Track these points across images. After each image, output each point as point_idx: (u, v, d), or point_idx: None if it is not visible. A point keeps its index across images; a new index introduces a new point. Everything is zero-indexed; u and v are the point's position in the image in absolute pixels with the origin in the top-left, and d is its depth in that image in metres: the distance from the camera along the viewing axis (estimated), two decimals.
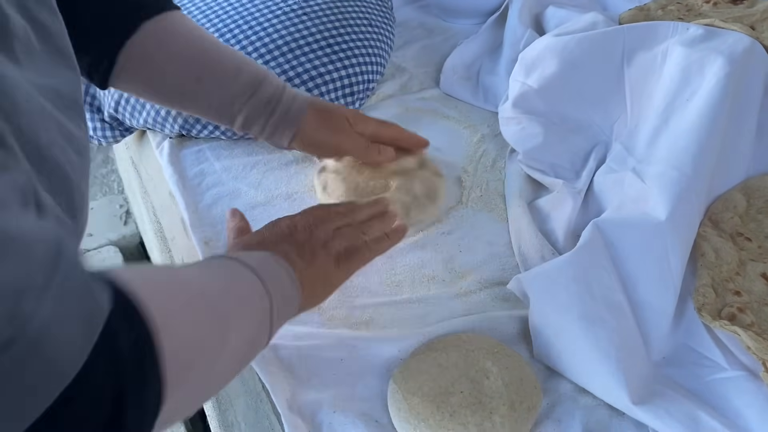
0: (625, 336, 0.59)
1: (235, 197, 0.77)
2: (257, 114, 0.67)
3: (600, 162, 0.77)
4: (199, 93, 0.65)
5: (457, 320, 0.62)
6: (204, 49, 0.64)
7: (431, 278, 0.68)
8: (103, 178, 1.77)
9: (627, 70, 0.77)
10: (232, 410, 0.58)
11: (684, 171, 0.66)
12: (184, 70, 0.63)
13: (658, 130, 0.71)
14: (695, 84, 0.70)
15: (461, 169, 0.81)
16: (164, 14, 0.61)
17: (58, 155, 0.37)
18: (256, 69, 0.67)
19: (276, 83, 0.68)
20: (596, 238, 0.65)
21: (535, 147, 0.79)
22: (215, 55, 0.65)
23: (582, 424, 0.55)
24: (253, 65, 0.67)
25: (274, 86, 0.67)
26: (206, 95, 0.65)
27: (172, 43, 0.62)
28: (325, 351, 0.59)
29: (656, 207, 0.64)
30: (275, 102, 0.67)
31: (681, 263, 0.62)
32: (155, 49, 0.61)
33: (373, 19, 0.95)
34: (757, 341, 0.55)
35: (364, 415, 0.55)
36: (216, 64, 0.64)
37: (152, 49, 0.60)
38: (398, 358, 0.59)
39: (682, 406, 0.54)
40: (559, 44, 0.79)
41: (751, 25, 0.77)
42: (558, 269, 0.62)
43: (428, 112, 0.91)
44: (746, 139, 0.72)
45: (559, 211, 0.73)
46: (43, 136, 0.36)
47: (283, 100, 0.67)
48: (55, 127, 0.38)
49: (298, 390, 0.57)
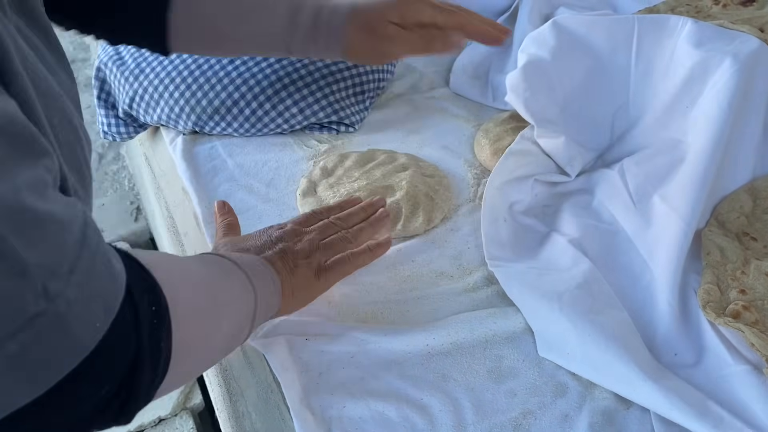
0: (630, 326, 0.60)
1: (248, 193, 0.78)
2: (304, 37, 0.69)
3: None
4: (249, 30, 0.68)
5: (465, 315, 0.63)
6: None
7: (440, 274, 0.69)
8: (114, 174, 1.78)
9: (635, 60, 0.77)
10: (243, 401, 0.59)
11: (687, 172, 0.67)
12: (227, 14, 0.66)
13: (661, 130, 0.72)
14: (702, 84, 0.70)
15: (468, 167, 0.82)
16: None
17: (68, 134, 0.39)
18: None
19: (313, 2, 0.69)
20: (593, 244, 0.68)
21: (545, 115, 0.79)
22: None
23: (588, 419, 0.56)
24: None
25: (311, 5, 0.69)
26: (255, 31, 0.68)
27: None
28: (336, 346, 0.60)
29: (656, 208, 0.66)
30: (317, 21, 0.69)
31: (673, 263, 0.64)
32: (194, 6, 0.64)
33: None
34: (761, 338, 0.55)
35: (374, 409, 0.56)
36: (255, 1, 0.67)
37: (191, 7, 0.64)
38: (407, 352, 0.60)
39: (692, 391, 0.55)
40: (568, 22, 0.79)
41: (760, 27, 0.78)
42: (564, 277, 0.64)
43: (437, 110, 0.92)
44: (753, 140, 0.73)
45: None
46: (57, 115, 0.38)
47: (323, 18, 0.69)
48: (62, 107, 0.40)
49: (309, 384, 0.58)
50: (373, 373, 0.59)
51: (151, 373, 0.36)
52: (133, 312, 0.34)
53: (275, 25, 0.68)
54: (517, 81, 0.78)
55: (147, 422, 1.07)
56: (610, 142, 0.80)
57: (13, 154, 0.29)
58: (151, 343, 0.36)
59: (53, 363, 0.29)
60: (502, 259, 0.68)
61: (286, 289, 0.57)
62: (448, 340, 0.61)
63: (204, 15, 0.66)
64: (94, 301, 0.31)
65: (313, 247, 0.61)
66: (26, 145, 0.30)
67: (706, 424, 0.52)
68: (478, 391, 0.58)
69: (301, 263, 0.59)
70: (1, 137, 0.28)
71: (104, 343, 0.31)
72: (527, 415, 0.56)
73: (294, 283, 0.58)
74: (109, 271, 0.33)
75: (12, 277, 0.27)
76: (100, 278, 0.32)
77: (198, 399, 1.11)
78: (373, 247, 0.64)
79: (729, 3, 0.89)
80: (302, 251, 0.60)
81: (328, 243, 0.62)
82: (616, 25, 0.77)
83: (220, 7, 0.67)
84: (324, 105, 0.85)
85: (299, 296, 0.59)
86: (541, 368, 0.60)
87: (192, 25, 0.66)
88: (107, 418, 0.36)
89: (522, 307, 0.64)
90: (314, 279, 0.60)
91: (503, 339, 0.62)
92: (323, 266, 0.60)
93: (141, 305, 0.35)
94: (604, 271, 0.66)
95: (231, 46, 0.70)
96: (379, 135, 0.87)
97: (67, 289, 0.29)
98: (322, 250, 0.61)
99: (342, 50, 0.71)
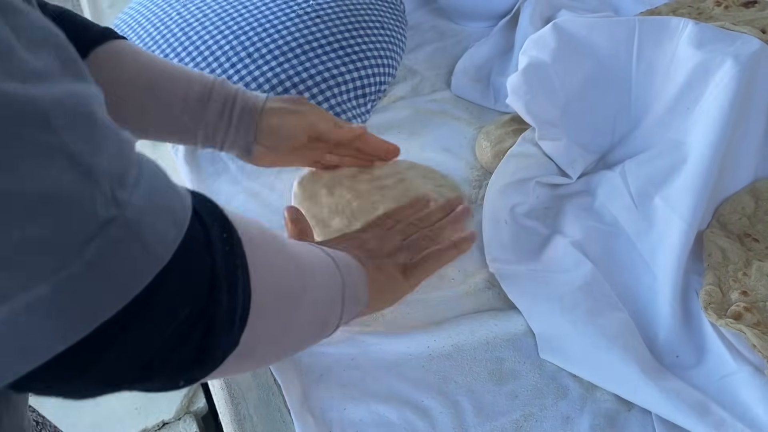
0: (632, 328, 0.60)
1: (250, 197, 0.79)
2: (215, 122, 0.65)
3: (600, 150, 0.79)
4: (157, 111, 0.63)
5: (466, 317, 0.63)
6: (154, 70, 0.63)
7: (441, 277, 0.69)
8: None
9: (636, 62, 0.77)
10: (244, 403, 0.59)
11: (689, 175, 0.67)
12: (135, 94, 0.62)
13: (662, 131, 0.72)
14: (703, 86, 0.70)
15: (469, 169, 0.82)
16: (110, 43, 0.60)
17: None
18: (205, 78, 0.65)
19: (228, 87, 0.66)
20: (595, 246, 0.68)
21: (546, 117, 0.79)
22: (166, 73, 0.64)
23: (589, 421, 0.56)
24: (204, 76, 0.65)
25: (227, 90, 0.65)
26: (163, 112, 0.64)
27: (122, 68, 0.61)
28: (336, 348, 0.60)
29: (656, 210, 0.65)
30: (230, 105, 0.65)
31: (674, 264, 0.64)
32: (107, 76, 0.59)
33: (385, 21, 0.96)
34: (763, 339, 0.55)
35: (375, 412, 0.56)
36: (167, 81, 0.63)
37: (104, 76, 0.57)
38: (408, 354, 0.60)
39: (693, 393, 0.55)
40: (569, 25, 0.79)
41: (762, 29, 0.78)
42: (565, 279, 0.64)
43: (439, 113, 0.92)
44: (754, 141, 0.73)
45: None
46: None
47: (237, 102, 0.65)
48: None
49: (309, 387, 0.58)
50: (374, 375, 0.59)
51: (230, 302, 0.35)
52: (205, 233, 0.34)
53: (186, 106, 0.64)
54: (518, 83, 0.78)
55: (151, 426, 1.07)
56: (612, 144, 0.80)
57: (65, 67, 0.29)
58: (227, 266, 0.35)
59: (132, 272, 0.29)
60: (503, 261, 0.68)
61: (373, 284, 0.56)
62: (449, 342, 0.61)
63: (114, 90, 0.59)
64: (162, 212, 0.31)
65: (397, 247, 0.61)
66: (74, 63, 0.30)
67: (708, 426, 0.52)
68: (479, 393, 0.58)
69: (387, 262, 0.59)
70: (52, 49, 0.28)
71: (177, 258, 0.31)
72: (528, 417, 0.56)
73: (381, 281, 0.58)
74: (173, 189, 0.33)
75: (82, 181, 0.27)
76: (165, 193, 0.32)
77: (201, 403, 1.11)
78: (458, 242, 0.65)
79: (731, 4, 0.89)
80: (387, 250, 0.60)
81: (412, 242, 0.63)
82: (616, 27, 0.77)
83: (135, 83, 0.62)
84: (326, 108, 0.85)
85: (386, 295, 0.60)
86: (543, 370, 0.60)
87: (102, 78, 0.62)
88: (191, 355, 0.34)
89: (523, 309, 0.64)
90: (401, 277, 0.60)
91: (504, 341, 0.62)
92: (409, 265, 0.61)
93: (212, 229, 0.34)
94: (606, 272, 0.66)
95: (137, 125, 0.64)
96: (381, 138, 0.87)
97: (134, 199, 0.29)
98: (406, 249, 0.62)
99: (253, 134, 0.67)
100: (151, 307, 0.30)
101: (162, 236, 0.30)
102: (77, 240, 0.27)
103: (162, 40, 0.90)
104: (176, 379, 0.35)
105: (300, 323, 0.47)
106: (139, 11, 0.97)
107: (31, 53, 0.27)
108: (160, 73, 0.63)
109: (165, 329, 0.31)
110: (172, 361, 0.33)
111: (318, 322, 0.50)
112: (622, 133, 0.79)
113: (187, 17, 0.91)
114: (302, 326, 0.48)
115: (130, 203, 0.29)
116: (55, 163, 0.26)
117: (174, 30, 0.90)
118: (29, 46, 0.27)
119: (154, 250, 0.30)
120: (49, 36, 0.29)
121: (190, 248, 0.32)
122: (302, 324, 0.47)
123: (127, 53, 0.62)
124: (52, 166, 0.26)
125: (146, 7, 0.97)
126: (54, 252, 0.26)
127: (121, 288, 0.29)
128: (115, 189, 0.28)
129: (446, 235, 0.65)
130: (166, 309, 0.31)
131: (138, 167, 0.30)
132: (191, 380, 0.36)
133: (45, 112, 0.26)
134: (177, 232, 0.32)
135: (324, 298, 0.49)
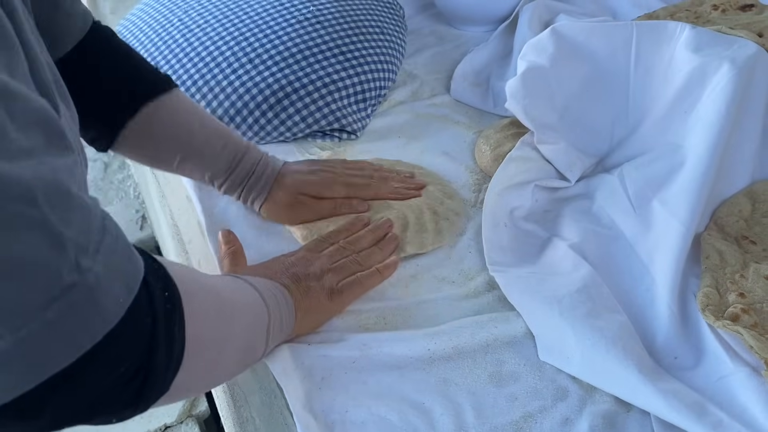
0: (630, 330, 0.61)
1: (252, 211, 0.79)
2: (237, 183, 0.72)
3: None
4: (189, 165, 0.70)
5: (467, 320, 0.64)
6: (192, 131, 0.68)
7: (441, 279, 0.69)
8: (119, 183, 1.79)
9: (634, 66, 0.78)
10: (246, 406, 0.60)
11: (686, 178, 0.67)
12: (175, 147, 0.68)
13: (660, 135, 0.72)
14: (700, 89, 0.71)
15: (469, 173, 0.83)
16: (161, 97, 0.65)
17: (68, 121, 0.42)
18: (237, 144, 0.71)
19: (255, 155, 0.72)
20: (593, 249, 0.68)
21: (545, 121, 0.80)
22: (203, 134, 0.69)
23: (588, 422, 0.56)
24: (236, 140, 0.72)
25: (253, 158, 0.72)
26: (195, 167, 0.70)
27: (166, 124, 0.66)
28: (338, 350, 0.61)
29: (656, 212, 0.66)
30: (251, 173, 0.72)
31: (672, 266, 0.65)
32: (151, 130, 0.65)
33: (384, 26, 0.97)
34: (760, 341, 0.55)
35: (376, 414, 0.56)
36: (204, 145, 0.69)
37: (148, 129, 0.65)
38: (409, 356, 0.60)
39: (691, 394, 0.55)
40: (567, 29, 0.80)
41: (758, 32, 0.78)
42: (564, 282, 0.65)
43: (438, 117, 0.93)
44: (751, 144, 0.73)
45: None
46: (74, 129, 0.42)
47: (257, 172, 0.72)
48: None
49: (311, 389, 0.58)
50: (376, 377, 0.59)
51: (166, 357, 0.38)
52: (148, 296, 0.37)
53: (217, 167, 0.70)
54: (516, 88, 0.79)
55: (153, 430, 1.07)
56: (610, 148, 0.81)
57: (50, 143, 0.32)
58: (166, 326, 0.38)
59: (84, 331, 0.32)
60: (503, 264, 0.69)
61: (299, 310, 0.59)
62: (450, 345, 0.61)
63: (154, 142, 0.67)
64: (117, 278, 0.34)
65: (324, 270, 0.64)
66: (59, 138, 0.33)
67: (706, 427, 0.53)
68: (479, 395, 0.58)
69: (313, 286, 0.62)
70: (40, 128, 0.32)
71: (123, 320, 0.34)
72: (528, 418, 0.57)
73: (307, 304, 0.60)
74: (129, 255, 0.37)
75: (52, 249, 0.30)
76: (121, 260, 0.35)
77: (204, 406, 1.11)
78: (381, 269, 0.68)
79: (728, 8, 0.90)
80: (314, 274, 0.63)
81: (338, 266, 0.65)
82: (614, 31, 0.78)
83: (174, 140, 0.68)
84: (326, 113, 0.86)
85: (313, 318, 0.62)
86: (542, 372, 0.60)
87: (142, 141, 0.66)
88: (127, 401, 0.38)
89: (523, 312, 0.64)
90: (327, 300, 0.62)
91: (504, 343, 0.62)
92: (335, 288, 0.63)
93: (155, 291, 0.38)
94: (604, 275, 0.67)
95: (166, 168, 0.71)
96: (381, 142, 0.88)
97: (95, 266, 0.32)
98: (333, 273, 0.64)
99: (262, 201, 0.73)
100: (95, 362, 0.33)
101: (115, 300, 0.34)
102: (41, 301, 0.30)
103: (164, 46, 0.90)
104: (109, 419, 0.39)
105: (228, 361, 0.51)
106: (141, 17, 0.98)
107: (21, 132, 0.30)
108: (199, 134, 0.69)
109: (105, 381, 0.35)
110: (109, 406, 0.37)
111: (245, 357, 0.54)
112: (620, 137, 0.80)
113: (189, 23, 0.92)
114: (229, 363, 0.52)
115: (91, 270, 0.32)
116: (34, 233, 0.29)
117: (175, 36, 0.91)
118: (21, 127, 0.30)
119: (107, 312, 0.33)
120: (41, 116, 0.32)
121: (136, 310, 0.35)
122: (230, 361, 0.51)
123: (174, 108, 0.67)
124: (31, 236, 0.29)
125: (148, 13, 0.97)
126: (19, 311, 0.29)
127: (73, 345, 0.32)
128: (79, 256, 0.31)
129: (375, 259, 0.68)
130: (109, 364, 0.35)
131: (101, 233, 0.34)
132: (122, 419, 0.40)
133: (31, 189, 0.29)
134: (128, 296, 0.35)
135: (251, 335, 0.53)
